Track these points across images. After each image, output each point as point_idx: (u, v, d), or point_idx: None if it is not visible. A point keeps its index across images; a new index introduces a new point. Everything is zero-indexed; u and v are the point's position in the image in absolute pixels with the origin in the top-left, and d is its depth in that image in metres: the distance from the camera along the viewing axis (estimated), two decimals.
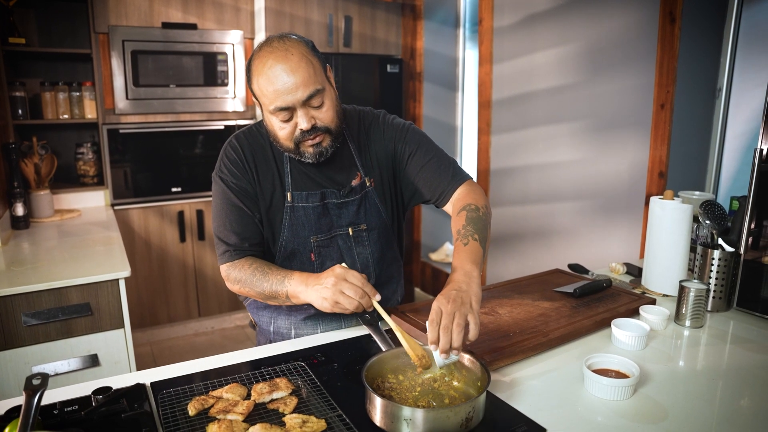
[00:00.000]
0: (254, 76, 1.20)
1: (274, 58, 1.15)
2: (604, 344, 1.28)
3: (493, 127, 3.21)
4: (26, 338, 1.84)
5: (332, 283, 1.10)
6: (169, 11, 3.20)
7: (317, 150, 1.24)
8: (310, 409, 0.97)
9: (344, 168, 1.36)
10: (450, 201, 1.36)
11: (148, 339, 3.42)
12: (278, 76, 1.15)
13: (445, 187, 1.35)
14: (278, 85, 1.15)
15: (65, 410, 0.97)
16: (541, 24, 2.79)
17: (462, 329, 0.98)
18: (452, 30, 3.95)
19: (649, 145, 2.26)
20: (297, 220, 1.32)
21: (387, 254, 1.45)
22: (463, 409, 0.89)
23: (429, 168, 1.37)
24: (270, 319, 1.44)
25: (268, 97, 1.18)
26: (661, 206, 1.56)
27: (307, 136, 1.21)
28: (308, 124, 1.19)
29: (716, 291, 1.48)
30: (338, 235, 1.36)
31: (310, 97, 1.17)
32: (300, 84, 1.15)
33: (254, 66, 1.19)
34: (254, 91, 1.23)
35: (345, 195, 1.35)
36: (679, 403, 1.03)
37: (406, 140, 1.39)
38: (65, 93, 3.11)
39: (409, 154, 1.38)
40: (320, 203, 1.33)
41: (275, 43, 1.18)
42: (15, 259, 2.12)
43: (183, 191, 3.39)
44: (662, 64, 2.16)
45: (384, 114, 1.44)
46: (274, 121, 1.22)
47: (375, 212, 1.39)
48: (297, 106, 1.18)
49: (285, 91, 1.15)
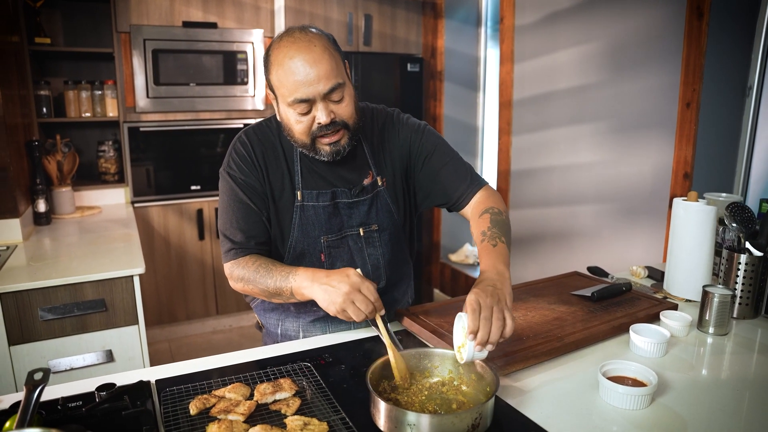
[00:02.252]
0: (273, 66, 1.16)
1: (297, 49, 1.13)
2: (622, 350, 1.23)
3: (513, 127, 3.16)
4: (43, 333, 1.87)
5: (346, 291, 1.06)
6: (190, 10, 3.23)
7: (334, 149, 1.21)
8: (313, 411, 0.95)
9: (356, 167, 1.33)
10: (469, 204, 1.34)
11: (166, 336, 3.45)
12: (300, 67, 1.12)
13: (464, 191, 1.34)
14: (300, 76, 1.12)
15: (68, 406, 0.97)
16: (563, 22, 2.73)
17: (501, 323, 0.96)
18: (473, 28, 3.90)
19: (674, 146, 2.19)
20: (307, 220, 1.29)
21: (398, 256, 1.42)
22: (469, 415, 0.86)
23: (446, 171, 1.35)
24: (278, 321, 1.41)
25: (287, 88, 1.14)
26: (684, 208, 1.50)
27: (325, 130, 1.18)
28: (327, 117, 1.16)
29: (743, 297, 1.41)
30: (349, 236, 1.33)
31: (331, 91, 1.15)
32: (322, 76, 1.12)
33: (274, 56, 1.16)
34: (272, 82, 1.19)
35: (356, 194, 1.31)
36: (699, 414, 0.98)
37: (422, 141, 1.36)
38: (88, 91, 3.16)
39: (425, 156, 1.36)
40: (331, 202, 1.30)
41: (297, 33, 1.15)
42: (35, 255, 2.16)
43: (202, 189, 3.42)
44: (688, 62, 2.09)
45: (398, 113, 1.41)
46: (291, 114, 1.18)
47: (386, 212, 1.36)
48: (317, 99, 1.15)
49: (306, 83, 1.12)
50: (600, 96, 2.55)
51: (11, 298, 1.80)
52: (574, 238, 2.80)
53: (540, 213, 3.02)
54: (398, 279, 1.45)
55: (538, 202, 3.03)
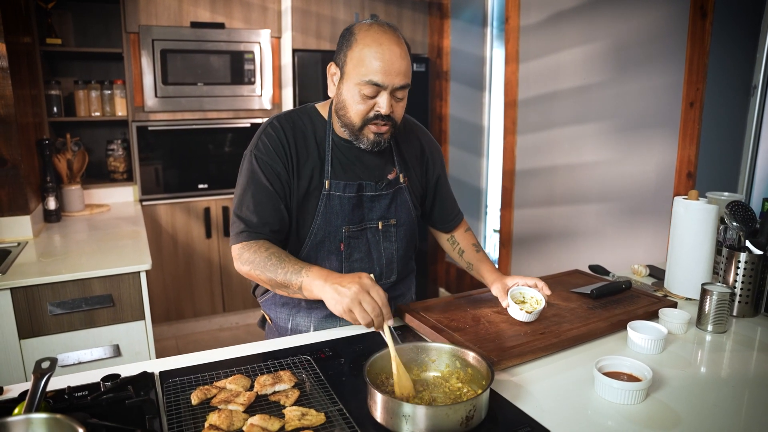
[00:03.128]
0: (357, 45, 1.19)
1: (387, 39, 1.18)
2: (619, 347, 1.24)
3: (518, 126, 3.17)
4: (52, 327, 1.90)
5: (355, 291, 1.05)
6: (198, 11, 3.26)
7: (377, 139, 1.27)
8: (312, 403, 0.97)
9: (382, 163, 1.39)
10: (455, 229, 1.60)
11: (173, 333, 3.49)
12: (386, 55, 1.17)
13: (452, 220, 1.57)
14: (384, 63, 1.17)
15: (74, 395, 0.99)
16: (567, 22, 2.74)
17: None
18: (479, 29, 3.90)
19: (678, 145, 2.19)
20: (331, 209, 1.33)
21: (409, 252, 1.49)
22: (463, 407, 0.88)
23: (449, 197, 1.56)
24: (289, 316, 1.44)
25: (366, 68, 1.18)
26: (684, 207, 1.50)
27: (379, 120, 1.23)
28: (388, 109, 1.22)
29: (742, 295, 1.42)
30: (368, 228, 1.38)
31: (401, 88, 1.21)
32: (402, 72, 1.19)
33: (361, 36, 1.20)
34: (346, 57, 1.21)
35: (381, 188, 1.37)
36: (693, 410, 0.99)
37: (439, 160, 1.52)
38: (97, 91, 3.21)
39: (438, 176, 1.51)
40: (356, 194, 1.34)
41: (386, 27, 1.21)
42: (45, 251, 2.20)
43: (209, 188, 3.45)
44: (692, 61, 2.09)
45: (416, 121, 1.52)
46: (354, 94, 1.22)
47: (405, 209, 1.42)
48: (387, 90, 1.20)
49: (387, 71, 1.17)
50: (604, 95, 2.55)
51: (21, 292, 1.84)
52: (578, 237, 2.80)
53: (544, 212, 3.03)
54: (407, 274, 1.52)
55: (542, 201, 3.04)
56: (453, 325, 1.27)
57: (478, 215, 4.10)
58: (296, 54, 3.38)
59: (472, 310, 1.36)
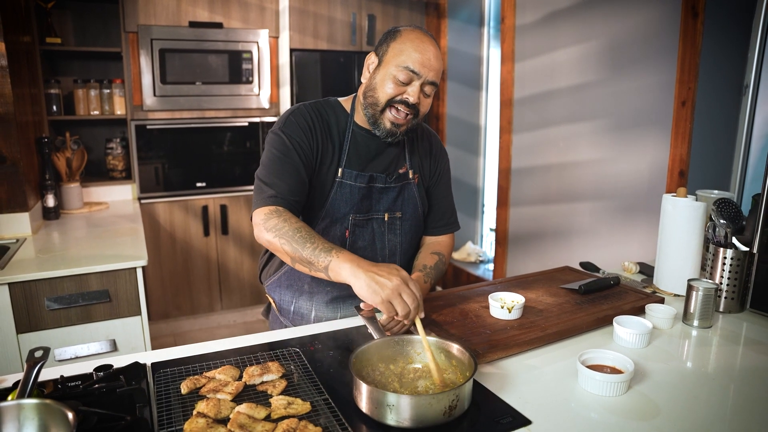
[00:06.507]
0: (399, 40, 1.29)
1: (429, 41, 1.30)
2: (605, 342, 1.26)
3: (514, 125, 3.18)
4: (49, 322, 1.93)
5: (396, 283, 1.07)
6: (196, 11, 3.29)
7: (394, 129, 1.32)
8: (299, 393, 0.99)
9: (395, 158, 1.44)
10: (435, 237, 1.55)
11: (171, 330, 3.51)
12: (426, 51, 1.28)
13: (443, 225, 1.55)
14: (423, 57, 1.27)
15: (68, 384, 1.01)
16: (562, 21, 2.76)
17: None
18: (476, 28, 3.93)
19: (670, 144, 2.21)
20: (342, 197, 1.37)
21: (413, 246, 1.53)
22: (446, 397, 0.90)
23: (445, 200, 1.56)
24: (292, 299, 1.48)
25: (406, 56, 1.27)
26: (673, 204, 1.52)
27: (402, 107, 1.30)
28: (415, 98, 1.29)
29: (728, 291, 1.44)
30: (374, 219, 1.43)
31: (431, 83, 1.29)
32: (436, 69, 1.29)
33: (405, 34, 1.30)
34: (387, 47, 1.30)
35: (390, 181, 1.42)
36: (673, 401, 1.01)
37: (445, 163, 1.56)
38: (96, 90, 3.23)
39: (439, 174, 1.54)
40: (366, 185, 1.39)
41: (427, 33, 1.33)
42: (43, 247, 2.22)
43: (207, 186, 3.48)
44: (684, 61, 2.10)
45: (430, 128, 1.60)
46: (389, 77, 1.28)
47: (412, 203, 1.47)
48: (420, 81, 1.28)
49: (423, 63, 1.27)
50: (598, 94, 2.57)
51: (19, 287, 1.87)
52: (573, 235, 2.82)
53: (539, 210, 3.04)
54: (408, 269, 1.53)
55: (537, 200, 3.06)
56: (441, 319, 1.29)
57: (474, 214, 4.12)
58: (294, 53, 3.40)
59: (460, 305, 1.38)
